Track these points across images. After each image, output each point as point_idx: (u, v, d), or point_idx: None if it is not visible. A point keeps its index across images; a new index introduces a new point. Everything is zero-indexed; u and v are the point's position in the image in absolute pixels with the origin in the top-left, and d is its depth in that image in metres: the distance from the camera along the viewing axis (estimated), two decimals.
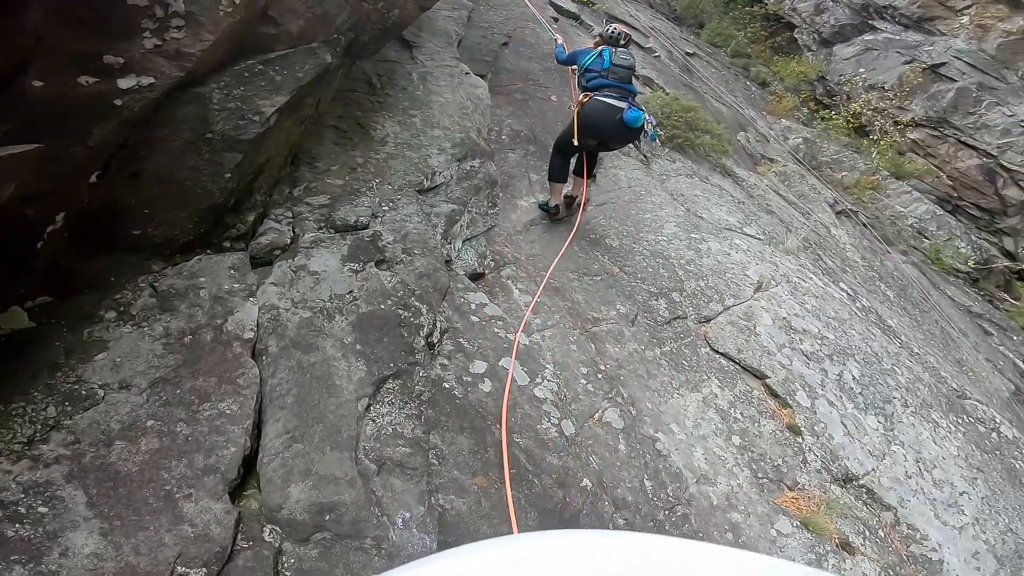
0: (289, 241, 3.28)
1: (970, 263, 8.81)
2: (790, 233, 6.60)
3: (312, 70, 3.02)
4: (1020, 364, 7.97)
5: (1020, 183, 9.84)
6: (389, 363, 2.74)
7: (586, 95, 4.42)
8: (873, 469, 4.19)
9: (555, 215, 4.97)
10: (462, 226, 4.09)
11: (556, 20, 8.41)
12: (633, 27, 10.36)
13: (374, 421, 2.50)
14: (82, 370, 2.46)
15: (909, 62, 11.22)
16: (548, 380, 3.38)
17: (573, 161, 5.02)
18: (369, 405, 2.54)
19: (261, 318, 2.78)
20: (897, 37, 11.76)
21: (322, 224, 3.42)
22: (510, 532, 2.47)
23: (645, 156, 6.51)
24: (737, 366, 4.51)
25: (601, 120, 4.32)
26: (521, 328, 3.61)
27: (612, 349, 4.10)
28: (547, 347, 3.73)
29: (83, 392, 2.39)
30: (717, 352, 4.56)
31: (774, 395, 4.41)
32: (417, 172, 4.08)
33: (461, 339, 3.27)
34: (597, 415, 3.45)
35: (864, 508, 3.92)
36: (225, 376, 2.50)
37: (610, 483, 3.02)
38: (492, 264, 4.23)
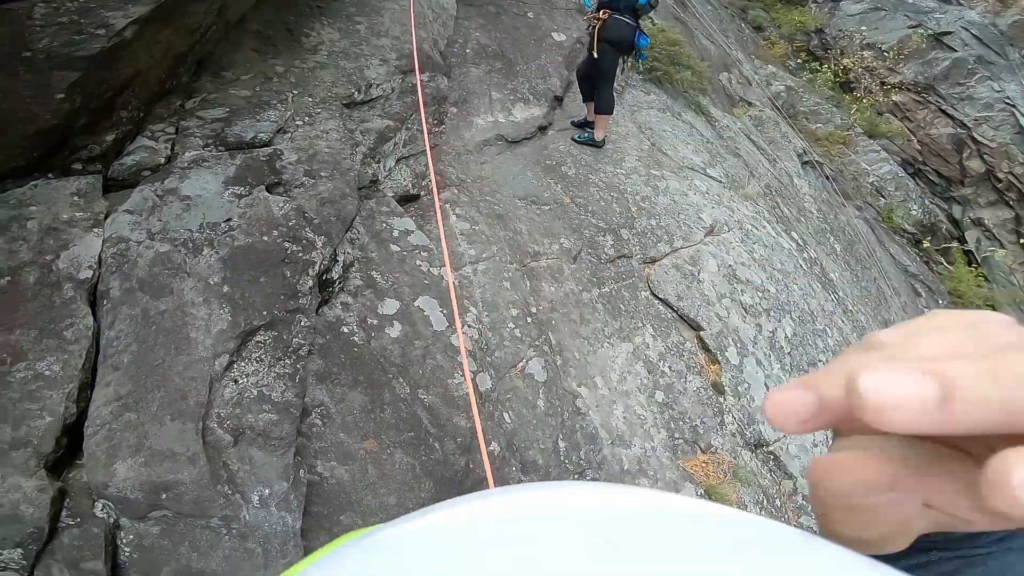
0: (164, 160, 2.63)
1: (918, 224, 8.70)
2: (753, 178, 6.16)
3: None
4: None
5: (984, 156, 9.59)
6: (262, 310, 2.20)
7: (606, 12, 4.50)
8: (784, 436, 4.08)
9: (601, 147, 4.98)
10: (396, 144, 3.45)
11: None
12: None
13: (236, 382, 2.05)
14: None
15: (915, 27, 10.65)
16: (470, 325, 2.98)
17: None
18: (231, 363, 2.07)
19: (105, 253, 2.17)
20: (910, 1, 11.13)
21: (210, 141, 2.74)
22: (398, 505, 2.17)
23: (620, 85, 5.86)
24: (675, 314, 4.21)
25: (621, 36, 4.50)
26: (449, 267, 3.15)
27: (548, 288, 3.71)
28: (477, 284, 3.30)
29: None
30: (657, 297, 4.24)
31: (706, 349, 4.16)
32: (348, 84, 3.37)
33: (374, 272, 2.78)
34: (520, 365, 3.11)
35: (768, 475, 3.81)
36: (49, 327, 1.97)
37: (521, 444, 2.74)
38: (431, 185, 3.68)
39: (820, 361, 4.83)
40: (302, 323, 2.27)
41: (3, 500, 1.69)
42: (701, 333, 4.14)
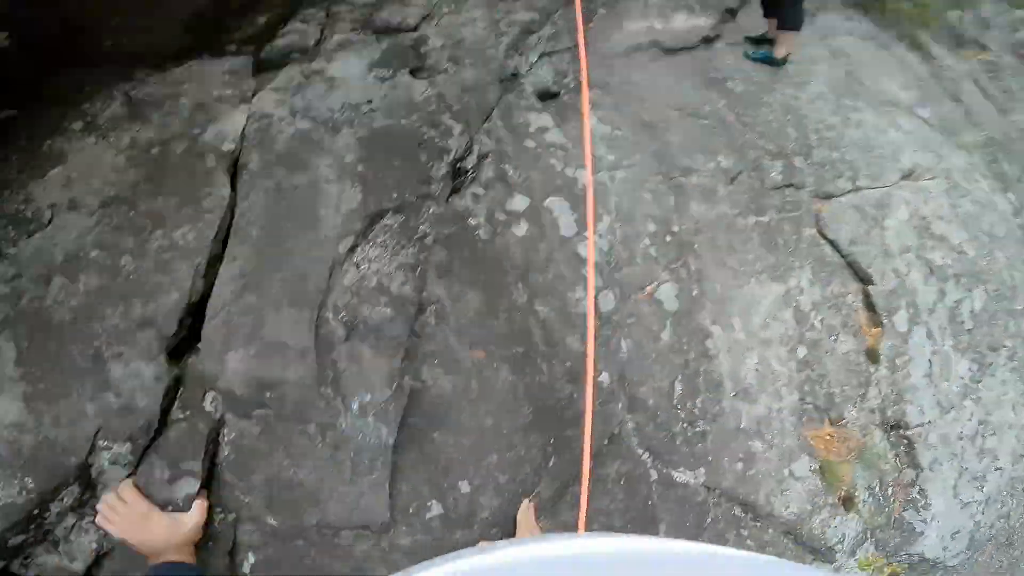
0: (313, 43, 2.64)
1: None
2: (973, 127, 4.99)
3: None
4: None
5: None
6: (392, 192, 2.07)
7: None
8: (930, 422, 3.44)
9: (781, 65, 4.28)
10: (540, 38, 3.19)
11: None
12: None
13: (357, 267, 1.94)
14: (33, 187, 1.96)
15: None
16: (600, 235, 2.67)
17: None
18: (355, 246, 1.95)
19: (248, 128, 2.15)
20: None
21: (358, 25, 2.72)
22: (493, 428, 2.04)
23: (811, 7, 4.78)
24: (842, 260, 3.59)
25: None
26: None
27: (696, 208, 3.25)
28: (614, 191, 2.94)
29: (29, 214, 1.92)
30: (824, 238, 3.62)
31: (870, 307, 3.54)
32: None
33: (506, 166, 2.52)
34: (649, 288, 2.78)
35: (893, 461, 3.29)
36: (190, 196, 1.94)
37: (634, 379, 2.48)
38: (572, 84, 3.26)
39: (1005, 346, 3.99)
40: (431, 210, 2.12)
41: (122, 388, 1.74)
42: (870, 288, 3.52)
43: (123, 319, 1.83)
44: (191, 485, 1.75)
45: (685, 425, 2.53)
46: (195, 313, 1.92)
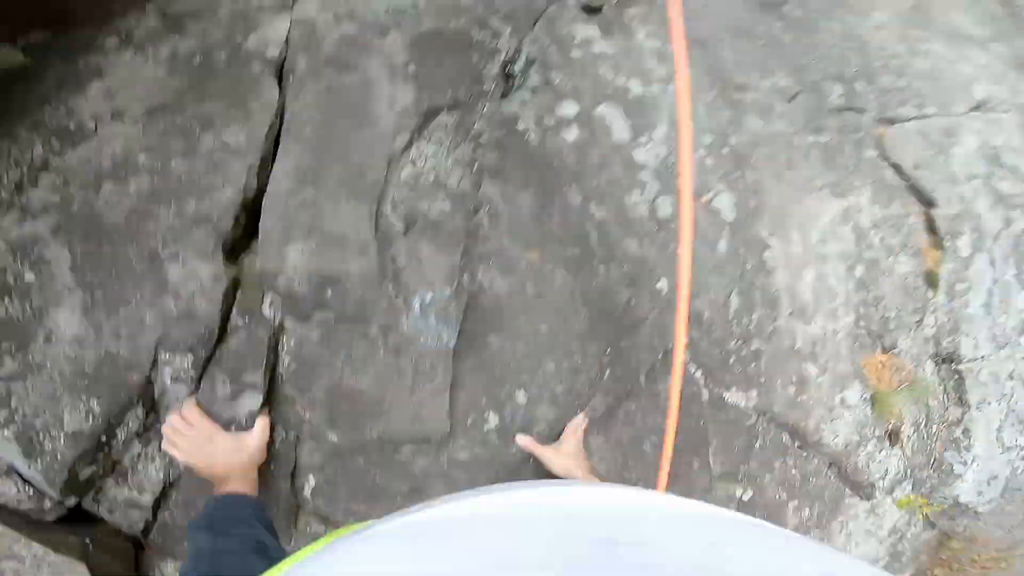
0: None
1: None
2: None
3: None
4: None
5: None
6: (446, 91, 1.96)
7: None
8: (983, 357, 3.25)
9: None
10: None
11: None
12: None
13: (414, 164, 1.84)
14: (74, 102, 1.88)
15: None
16: (656, 142, 2.52)
17: None
18: (411, 142, 1.85)
19: (292, 33, 2.00)
20: None
21: None
22: (548, 334, 1.97)
23: None
24: (905, 183, 3.38)
25: None
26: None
27: (753, 122, 3.06)
28: (667, 103, 2.78)
29: (73, 127, 1.85)
30: (887, 160, 3.39)
31: (932, 230, 3.34)
32: None
33: (553, 73, 2.37)
34: (706, 197, 2.65)
35: (941, 397, 3.15)
36: (237, 99, 1.84)
37: (692, 290, 2.39)
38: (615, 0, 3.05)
39: None
40: (485, 108, 2.00)
41: (181, 291, 1.69)
42: (932, 211, 3.31)
43: (177, 218, 1.79)
44: (254, 400, 1.73)
45: (740, 343, 2.44)
46: (250, 213, 1.88)
